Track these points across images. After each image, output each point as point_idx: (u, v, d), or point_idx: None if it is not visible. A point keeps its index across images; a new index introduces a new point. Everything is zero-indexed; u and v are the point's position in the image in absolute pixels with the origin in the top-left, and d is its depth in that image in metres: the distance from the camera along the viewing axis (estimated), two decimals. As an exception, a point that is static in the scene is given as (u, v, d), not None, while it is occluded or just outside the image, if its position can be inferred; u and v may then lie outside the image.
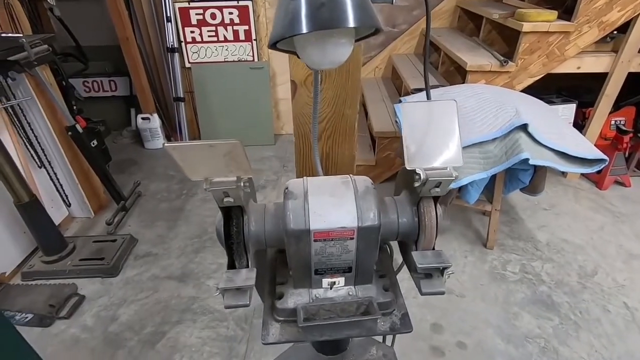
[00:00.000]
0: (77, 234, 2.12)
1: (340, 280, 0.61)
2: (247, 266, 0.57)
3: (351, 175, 0.61)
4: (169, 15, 2.78)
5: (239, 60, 2.99)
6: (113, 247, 1.93)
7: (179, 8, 2.81)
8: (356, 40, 0.41)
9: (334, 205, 0.55)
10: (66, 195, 2.12)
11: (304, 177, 0.61)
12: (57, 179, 2.06)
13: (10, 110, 1.78)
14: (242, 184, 0.51)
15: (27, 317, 1.59)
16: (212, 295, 1.71)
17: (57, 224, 1.98)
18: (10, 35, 1.34)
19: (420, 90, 2.29)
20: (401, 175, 0.67)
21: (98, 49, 3.03)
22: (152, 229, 2.17)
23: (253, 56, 2.98)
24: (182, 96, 2.99)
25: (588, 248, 1.98)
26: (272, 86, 3.10)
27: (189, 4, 2.80)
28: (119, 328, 1.56)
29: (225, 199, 0.52)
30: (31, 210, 1.73)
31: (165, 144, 0.40)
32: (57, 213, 2.09)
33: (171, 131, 3.20)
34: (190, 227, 2.17)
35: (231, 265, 0.58)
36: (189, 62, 2.99)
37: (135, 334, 1.53)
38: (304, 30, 0.32)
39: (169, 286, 1.77)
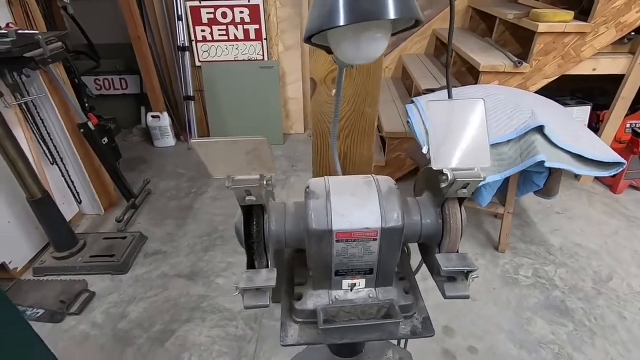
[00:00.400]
0: (88, 231, 2.13)
1: (360, 282, 0.60)
2: (267, 266, 0.56)
3: (373, 175, 0.59)
4: (180, 13, 2.79)
5: (248, 59, 2.99)
6: (123, 244, 1.94)
7: (190, 7, 2.81)
8: (392, 34, 0.40)
9: (356, 206, 0.54)
10: (77, 192, 2.14)
11: (325, 176, 0.59)
12: (69, 175, 2.08)
13: (24, 107, 1.80)
14: (264, 182, 0.50)
15: (38, 313, 1.60)
16: (221, 294, 1.70)
17: (67, 220, 1.99)
18: (26, 31, 1.35)
19: (431, 90, 2.27)
20: (423, 176, 0.66)
21: (109, 47, 3.05)
22: (161, 226, 2.18)
23: (263, 55, 2.98)
24: (192, 95, 3.00)
25: (602, 253, 1.94)
26: (282, 85, 3.09)
27: (200, 2, 2.81)
28: (129, 325, 1.57)
29: (247, 198, 0.51)
30: (43, 206, 1.74)
31: (192, 140, 0.39)
32: (68, 209, 2.11)
33: (181, 130, 3.21)
34: (199, 225, 2.17)
35: (250, 265, 0.57)
36: (199, 61, 2.99)
37: (145, 332, 1.53)
38: (344, 22, 0.31)
39: (178, 284, 1.77)
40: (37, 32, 1.38)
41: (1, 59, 1.30)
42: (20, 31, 1.33)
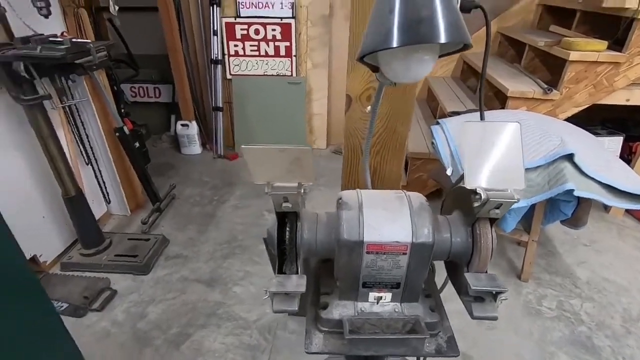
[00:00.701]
0: (114, 230, 2.20)
1: (387, 296, 0.60)
2: (297, 273, 0.58)
3: (404, 191, 0.61)
4: (215, 29, 2.92)
5: (277, 75, 3.08)
6: (146, 246, 2.00)
7: (226, 23, 2.95)
8: (440, 56, 0.43)
9: (388, 219, 0.56)
10: (107, 193, 2.23)
11: (357, 189, 0.61)
12: (101, 176, 2.17)
13: (68, 110, 1.91)
14: (302, 191, 0.52)
15: (62, 306, 1.65)
16: (237, 302, 1.72)
17: (96, 219, 2.06)
18: (79, 40, 1.46)
19: (457, 113, 2.27)
20: (453, 195, 0.67)
21: (147, 58, 3.21)
22: (183, 231, 2.23)
23: (291, 71, 3.07)
24: (221, 106, 3.11)
25: (633, 290, 1.85)
26: (308, 101, 3.16)
27: (235, 19, 2.94)
28: (147, 326, 1.60)
29: (284, 204, 0.53)
30: (76, 203, 1.82)
31: (243, 145, 0.42)
32: (97, 208, 2.19)
33: (207, 139, 3.31)
34: (220, 233, 2.21)
35: (280, 271, 0.58)
36: (230, 74, 3.11)
37: (162, 333, 1.56)
38: (398, 44, 0.33)
39: (197, 289, 1.80)
40: (89, 41, 1.49)
41: (55, 64, 1.41)
42: (74, 40, 1.44)
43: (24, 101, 1.47)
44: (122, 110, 2.44)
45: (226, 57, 3.05)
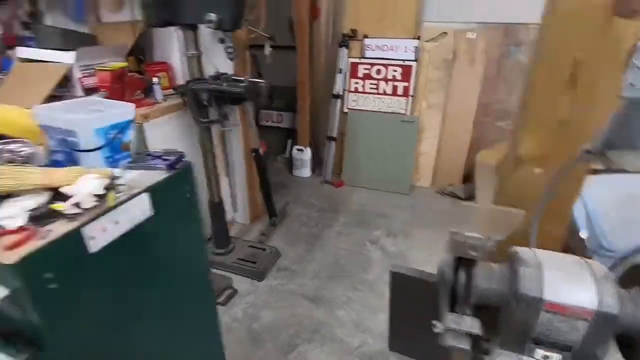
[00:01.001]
0: (236, 236, 2.51)
1: (555, 357, 0.62)
2: (469, 315, 0.64)
3: (584, 258, 0.63)
4: (341, 67, 3.21)
5: (392, 112, 3.22)
6: (263, 255, 2.23)
7: (351, 62, 3.22)
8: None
9: (569, 282, 0.59)
10: (236, 202, 2.57)
11: (532, 248, 0.65)
12: (235, 188, 2.52)
13: (223, 132, 2.30)
14: (489, 244, 0.59)
15: (195, 295, 1.94)
16: (340, 326, 1.80)
17: (225, 224, 2.39)
18: (254, 79, 1.79)
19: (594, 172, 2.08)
20: (632, 269, 0.66)
21: (275, 88, 3.65)
22: (293, 247, 2.43)
23: (406, 110, 3.17)
24: (334, 136, 3.35)
25: None
26: (418, 140, 3.22)
27: (360, 59, 3.20)
28: (260, 328, 1.78)
29: (472, 252, 0.61)
30: (217, 209, 2.15)
31: (466, 203, 0.51)
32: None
33: (318, 165, 3.58)
34: (325, 255, 2.36)
35: (452, 310, 0.65)
36: (347, 108, 3.35)
37: (273, 338, 1.72)
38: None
39: (303, 304, 1.94)
40: (262, 81, 1.82)
41: (234, 97, 1.76)
42: (253, 79, 1.78)
43: (201, 123, 1.85)
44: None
45: (346, 92, 3.31)
